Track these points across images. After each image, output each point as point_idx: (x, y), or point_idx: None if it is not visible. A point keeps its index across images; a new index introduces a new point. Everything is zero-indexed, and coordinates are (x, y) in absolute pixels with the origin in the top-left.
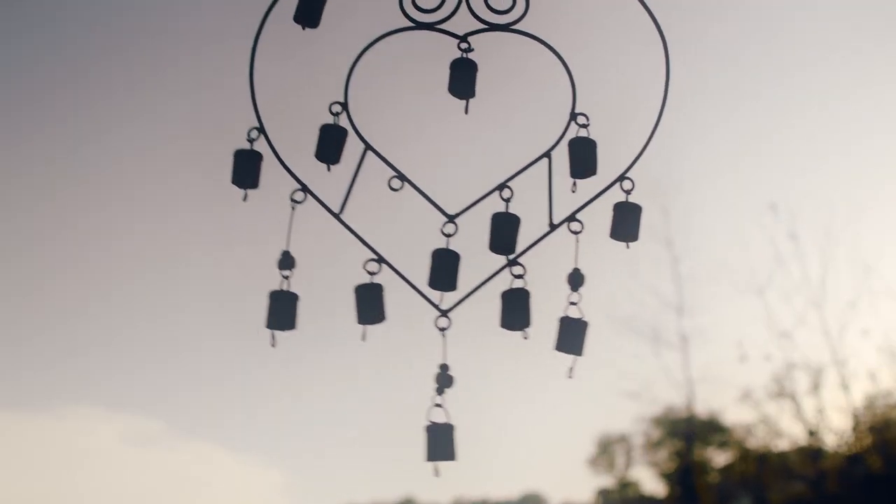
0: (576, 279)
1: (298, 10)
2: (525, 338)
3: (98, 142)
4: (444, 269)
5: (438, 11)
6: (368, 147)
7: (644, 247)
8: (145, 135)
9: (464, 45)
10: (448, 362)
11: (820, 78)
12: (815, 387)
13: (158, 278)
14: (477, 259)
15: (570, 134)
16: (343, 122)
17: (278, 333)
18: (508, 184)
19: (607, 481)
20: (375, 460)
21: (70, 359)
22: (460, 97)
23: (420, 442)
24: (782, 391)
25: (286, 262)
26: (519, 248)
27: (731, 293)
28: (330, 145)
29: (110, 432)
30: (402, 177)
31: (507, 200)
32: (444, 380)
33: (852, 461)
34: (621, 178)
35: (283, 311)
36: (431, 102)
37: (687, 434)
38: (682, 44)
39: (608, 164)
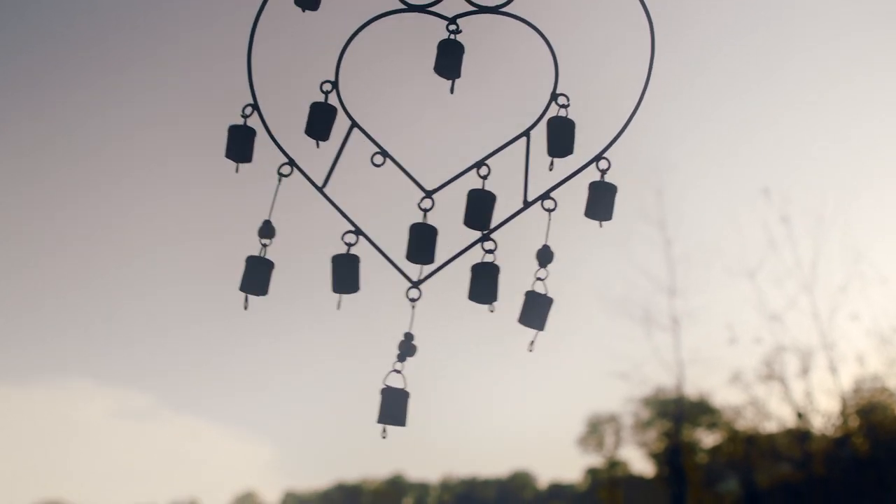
0: (545, 256)
1: None
2: (491, 311)
3: (96, 118)
4: (421, 242)
5: None
6: (354, 124)
7: (637, 229)
8: (141, 112)
9: (452, 27)
10: (414, 332)
11: (813, 65)
12: (804, 370)
13: (149, 255)
14: (455, 234)
15: (551, 114)
16: (333, 100)
17: (251, 298)
18: (486, 161)
19: (596, 461)
20: (365, 438)
21: (59, 332)
22: (446, 77)
23: (409, 420)
24: (771, 374)
25: (266, 230)
26: (494, 224)
27: (722, 276)
28: (319, 122)
29: (100, 406)
30: (384, 153)
31: (485, 178)
32: (406, 348)
33: (840, 444)
34: (597, 158)
35: (257, 276)
36: (419, 83)
37: (676, 415)
38: (676, 31)
39: (589, 145)
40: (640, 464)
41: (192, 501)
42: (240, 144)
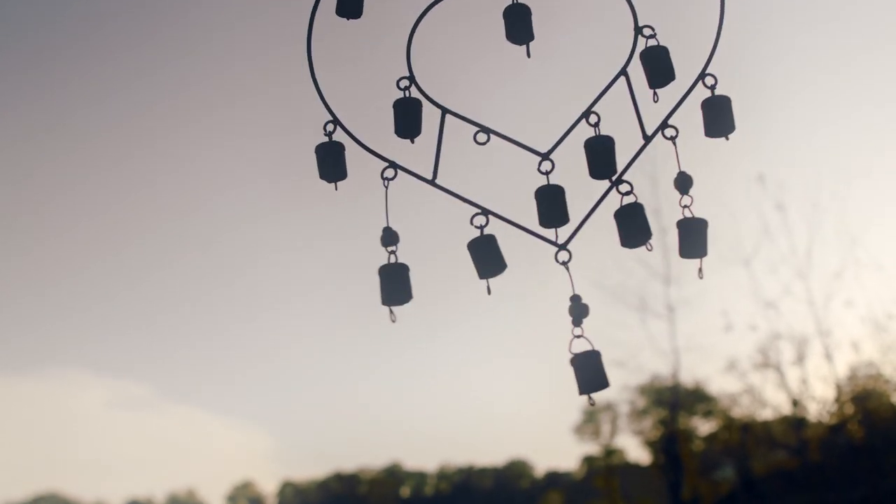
0: (683, 182)
1: (339, 4)
2: (649, 249)
3: (91, 109)
4: (552, 204)
5: None
6: (445, 110)
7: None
8: (130, 93)
9: None
10: (578, 293)
11: (808, 51)
12: (800, 357)
13: (146, 245)
14: (580, 190)
15: (640, 48)
16: (413, 93)
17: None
18: (593, 109)
19: (593, 449)
20: (362, 428)
21: (56, 323)
22: (519, 42)
23: (406, 409)
24: (767, 361)
25: (389, 238)
26: (619, 167)
27: (717, 263)
28: (408, 119)
29: (96, 396)
30: (485, 129)
31: (595, 126)
32: (578, 310)
33: (835, 430)
34: (702, 75)
35: (397, 285)
36: (494, 57)
37: (672, 403)
38: (671, 19)
39: (682, 69)
40: (637, 452)
41: (189, 492)
42: (332, 162)
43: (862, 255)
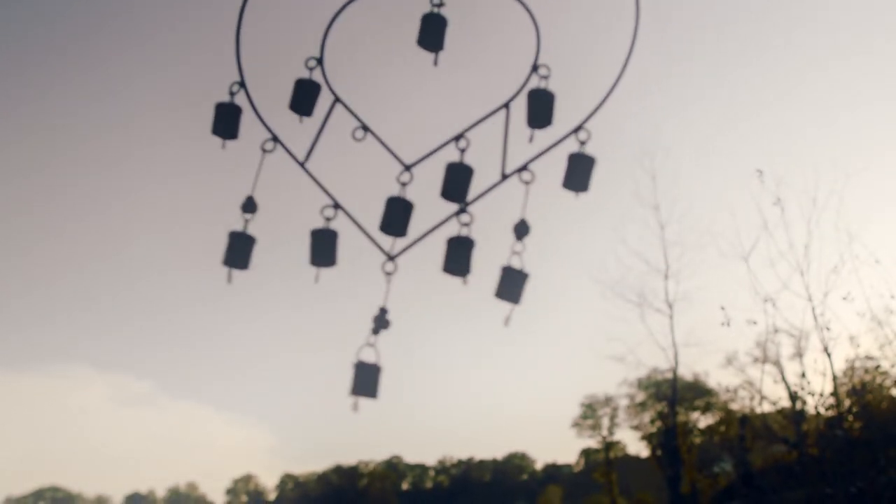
0: (521, 229)
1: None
2: (464, 283)
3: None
4: (396, 215)
5: None
6: (337, 99)
7: (631, 212)
8: (131, 92)
9: (436, 1)
10: (387, 306)
11: (807, 48)
12: (798, 351)
13: (147, 242)
14: (433, 207)
15: (531, 86)
16: (317, 76)
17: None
18: (465, 134)
19: (592, 442)
20: (363, 423)
21: (58, 320)
22: (430, 50)
23: (407, 405)
24: (765, 355)
25: (249, 206)
26: (471, 197)
27: (716, 258)
28: (303, 98)
29: (99, 392)
30: (364, 127)
31: (463, 150)
32: (380, 322)
33: (833, 424)
34: (577, 128)
35: (239, 251)
36: (404, 58)
37: (671, 397)
38: (667, 17)
39: (571, 119)
40: (635, 445)
41: (190, 485)
42: (226, 121)
43: (860, 250)
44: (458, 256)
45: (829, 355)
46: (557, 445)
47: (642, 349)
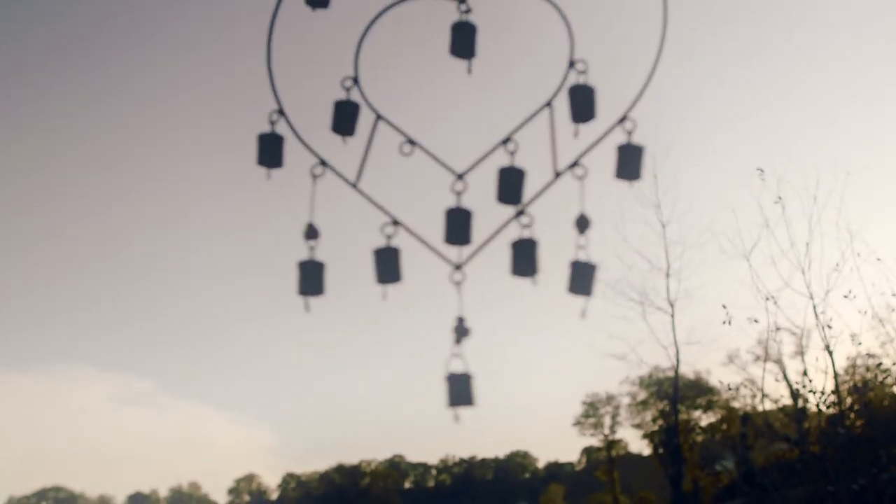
0: (582, 223)
1: None
2: (534, 284)
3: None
4: (457, 225)
5: None
6: (379, 116)
7: (633, 210)
8: (131, 92)
9: (463, 7)
10: (463, 314)
11: (808, 46)
12: (800, 349)
13: (148, 242)
14: (490, 211)
15: (570, 82)
16: (355, 95)
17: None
18: (513, 137)
19: (594, 441)
20: (364, 422)
21: (59, 319)
22: (462, 58)
23: (408, 403)
24: (767, 353)
25: (311, 232)
26: (526, 197)
27: (718, 257)
28: (344, 119)
29: (101, 391)
30: (411, 141)
31: (513, 153)
32: (461, 331)
33: (834, 422)
34: (622, 119)
35: (312, 278)
36: (436, 67)
37: (672, 395)
38: (669, 13)
39: (609, 109)
40: (637, 444)
41: (192, 485)
42: (271, 152)
43: (861, 248)
44: (525, 257)
45: (830, 353)
46: (559, 444)
47: (644, 347)
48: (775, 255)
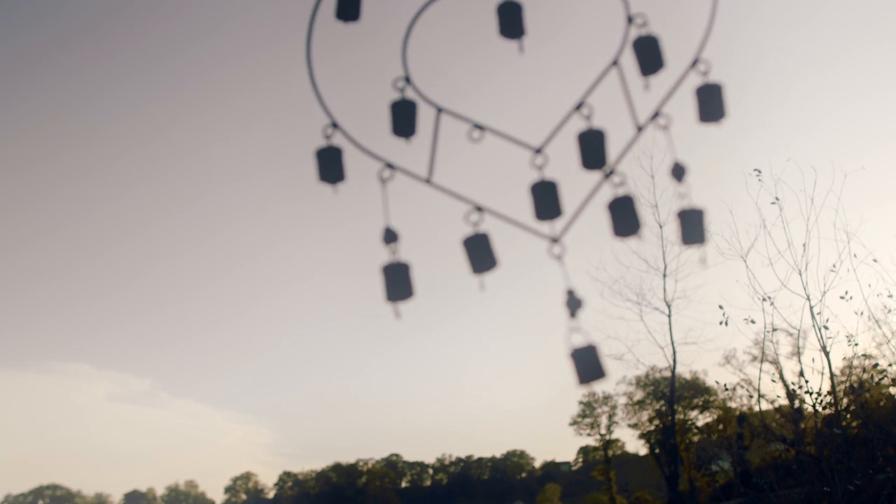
0: (678, 171)
1: (339, 7)
2: (640, 239)
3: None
4: (546, 199)
5: None
6: (440, 109)
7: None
8: (128, 94)
9: None
10: (565, 287)
11: (805, 45)
12: (796, 350)
13: (147, 240)
14: (574, 181)
15: (632, 37)
16: (410, 94)
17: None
18: (585, 101)
19: (590, 440)
20: (362, 421)
21: (58, 317)
22: (513, 38)
23: (406, 403)
24: (763, 354)
25: (390, 236)
26: (611, 158)
27: (715, 257)
28: (403, 119)
29: (98, 389)
30: (480, 126)
31: (588, 118)
32: (574, 303)
33: (831, 422)
34: (695, 62)
35: (399, 282)
36: (486, 50)
37: (669, 395)
38: (664, 5)
39: (673, 60)
40: (634, 443)
41: (189, 483)
42: (331, 166)
43: (858, 249)
44: (627, 216)
45: (827, 354)
46: (556, 443)
47: (641, 347)
48: (772, 256)
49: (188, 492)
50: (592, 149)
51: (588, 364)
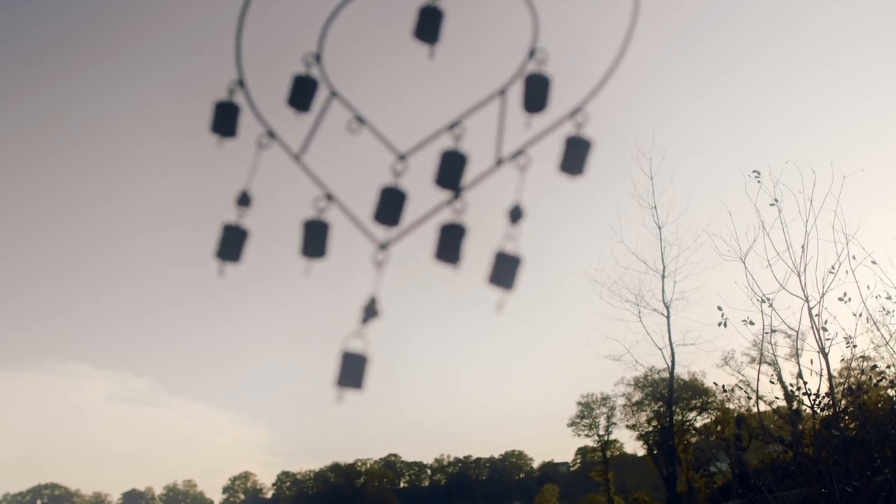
0: (516, 213)
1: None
2: (456, 271)
3: (88, 103)
4: (390, 204)
5: None
6: (333, 93)
7: (629, 212)
8: (129, 92)
9: None
10: (378, 295)
11: (802, 46)
12: (794, 351)
13: (146, 240)
14: (430, 197)
15: (528, 71)
16: (316, 72)
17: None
18: (462, 121)
19: (588, 441)
20: (361, 422)
21: (57, 317)
22: (426, 42)
23: (404, 404)
24: (762, 355)
25: (244, 199)
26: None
27: (713, 259)
28: (300, 94)
29: (97, 389)
30: (359, 119)
31: (459, 138)
32: (370, 311)
33: (829, 424)
34: (575, 111)
35: (231, 244)
36: (399, 50)
37: (667, 396)
38: (663, 18)
39: (570, 103)
40: (632, 444)
41: (188, 483)
42: (225, 120)
43: (856, 251)
44: (450, 244)
45: (825, 355)
46: (554, 444)
47: (639, 348)
48: (771, 258)
49: (186, 491)
50: (450, 169)
51: (352, 371)
